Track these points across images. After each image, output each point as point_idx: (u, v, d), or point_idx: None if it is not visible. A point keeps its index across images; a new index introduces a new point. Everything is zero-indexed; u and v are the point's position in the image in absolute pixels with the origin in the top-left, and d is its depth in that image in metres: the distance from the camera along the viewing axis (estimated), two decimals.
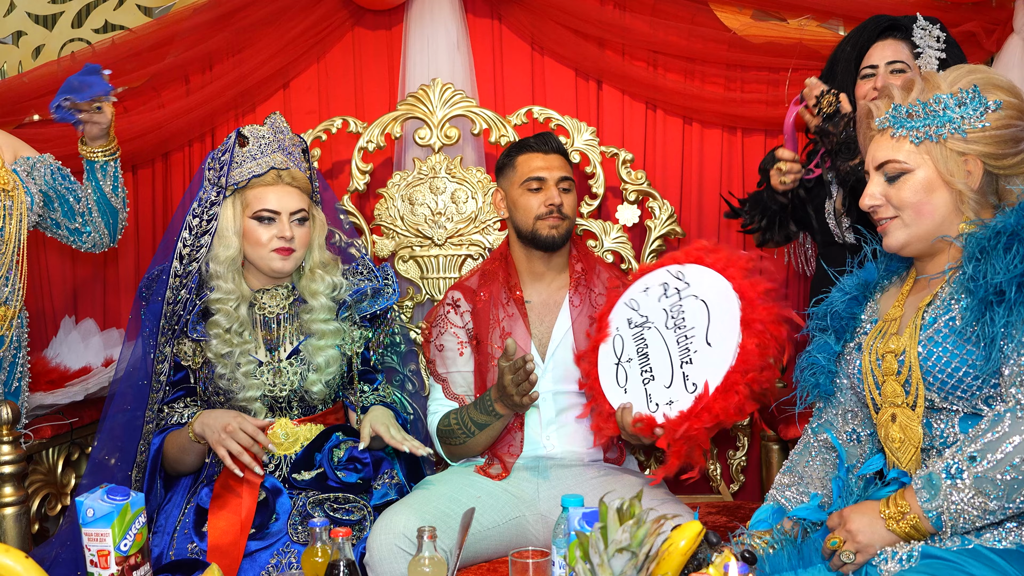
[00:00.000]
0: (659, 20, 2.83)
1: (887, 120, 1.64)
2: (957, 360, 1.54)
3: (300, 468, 2.13)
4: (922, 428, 1.60)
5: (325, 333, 2.18)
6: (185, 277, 2.15)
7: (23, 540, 2.22)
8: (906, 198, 1.61)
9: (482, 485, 2.18)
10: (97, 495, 1.72)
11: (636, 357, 1.98)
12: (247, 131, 2.17)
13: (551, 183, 2.32)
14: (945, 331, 1.57)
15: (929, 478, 1.51)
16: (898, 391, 1.63)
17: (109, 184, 2.36)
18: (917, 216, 1.61)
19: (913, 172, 1.61)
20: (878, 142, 1.66)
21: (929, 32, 2.24)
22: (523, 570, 1.59)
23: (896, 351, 1.63)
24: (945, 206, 1.61)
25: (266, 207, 2.14)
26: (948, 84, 1.60)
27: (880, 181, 1.64)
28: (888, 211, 1.64)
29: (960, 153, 1.58)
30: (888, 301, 1.74)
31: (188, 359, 2.20)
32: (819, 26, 2.78)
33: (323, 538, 1.70)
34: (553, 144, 2.38)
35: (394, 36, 2.95)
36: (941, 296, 1.61)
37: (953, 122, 1.57)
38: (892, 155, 1.62)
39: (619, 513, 1.36)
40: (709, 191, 2.90)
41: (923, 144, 1.59)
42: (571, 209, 2.34)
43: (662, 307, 1.95)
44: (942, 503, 1.48)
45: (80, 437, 2.56)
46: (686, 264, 2.00)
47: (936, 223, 1.61)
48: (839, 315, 1.77)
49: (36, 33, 3.01)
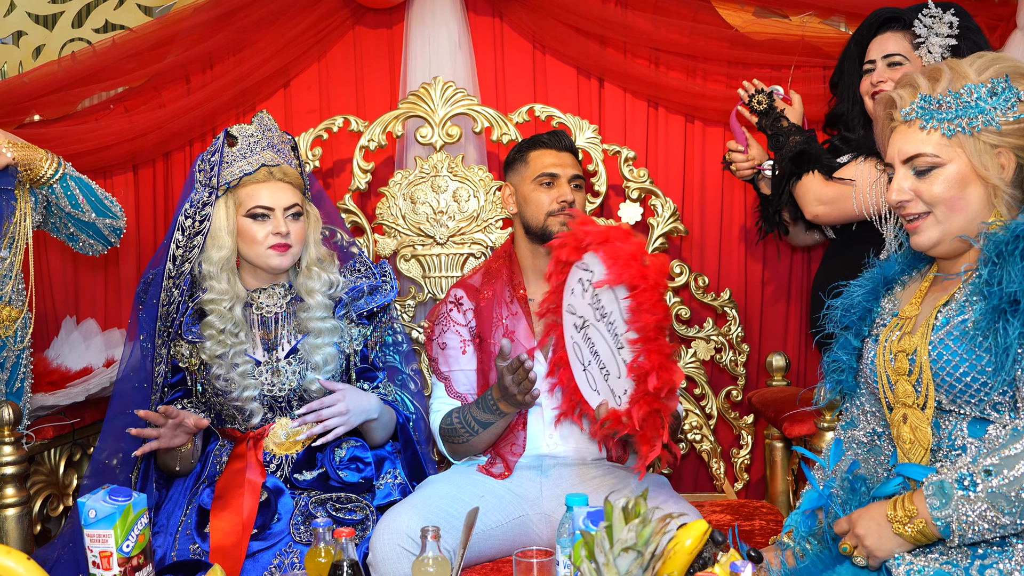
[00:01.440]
0: (661, 17, 2.82)
1: (915, 111, 1.57)
2: (966, 365, 1.51)
3: (302, 468, 2.13)
4: (931, 429, 1.58)
5: (323, 331, 2.17)
6: (178, 278, 2.14)
7: (25, 541, 2.22)
8: (939, 193, 1.55)
9: (485, 484, 2.17)
10: (99, 496, 1.71)
11: (592, 358, 1.97)
12: (235, 130, 2.17)
13: (563, 180, 2.31)
14: (956, 333, 1.53)
15: (940, 486, 1.47)
16: (909, 391, 1.60)
17: (66, 202, 2.29)
18: (950, 212, 1.55)
19: (945, 166, 1.54)
20: (905, 134, 1.58)
21: (939, 19, 2.15)
22: (527, 570, 1.58)
23: (908, 351, 1.59)
24: (978, 201, 1.55)
25: (260, 204, 2.14)
26: (976, 72, 1.53)
27: (908, 175, 1.58)
28: (918, 206, 1.58)
29: (993, 146, 1.52)
30: (907, 297, 1.70)
31: (185, 360, 2.19)
32: (821, 22, 2.78)
33: (326, 538, 1.69)
34: (566, 142, 2.38)
35: (395, 34, 2.94)
36: (957, 297, 1.57)
37: (986, 113, 1.51)
38: (923, 148, 1.55)
39: (624, 512, 1.35)
40: (711, 188, 2.90)
41: (956, 136, 1.53)
42: (581, 207, 2.34)
43: (587, 303, 1.94)
44: (952, 513, 1.45)
45: (82, 438, 2.56)
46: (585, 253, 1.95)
47: (968, 219, 1.55)
48: (854, 310, 1.73)
49: (36, 33, 3.01)
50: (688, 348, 2.76)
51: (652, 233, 2.76)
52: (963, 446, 1.54)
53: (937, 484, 1.48)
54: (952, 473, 1.47)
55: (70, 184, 2.28)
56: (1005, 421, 1.51)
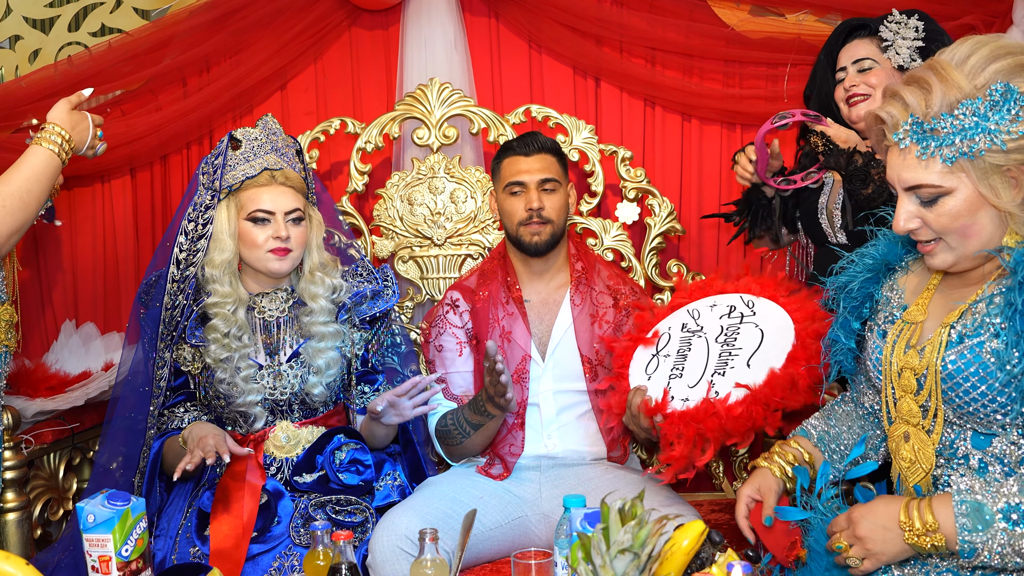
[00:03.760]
0: (657, 17, 2.82)
1: (907, 138, 1.43)
2: (985, 386, 1.43)
3: (301, 471, 2.13)
4: (935, 453, 1.52)
5: (325, 335, 2.18)
6: (183, 282, 2.14)
7: (25, 545, 2.22)
8: (947, 224, 1.44)
9: (484, 485, 2.17)
10: (98, 500, 1.72)
11: (674, 356, 1.96)
12: (239, 134, 2.17)
13: (531, 186, 2.28)
14: (969, 357, 1.45)
15: (980, 510, 1.38)
16: (915, 411, 1.53)
17: None
18: (963, 239, 1.44)
19: (951, 194, 1.42)
20: (901, 163, 1.45)
21: (905, 24, 2.20)
22: (526, 571, 1.58)
23: (917, 370, 1.51)
24: (992, 223, 1.43)
25: (260, 208, 2.14)
26: (968, 78, 1.39)
27: (913, 202, 1.46)
28: (928, 234, 1.47)
29: (1000, 165, 1.39)
30: (911, 286, 1.63)
31: (188, 364, 2.20)
32: (817, 21, 2.77)
33: (324, 541, 1.70)
34: (537, 144, 2.32)
35: (391, 36, 2.94)
36: (974, 314, 1.47)
37: (988, 132, 1.37)
38: (924, 179, 1.42)
39: (621, 514, 1.35)
40: (709, 188, 2.90)
41: (957, 162, 1.40)
42: (556, 211, 2.29)
43: (720, 323, 1.94)
44: (987, 540, 1.37)
45: (81, 441, 2.56)
46: (761, 297, 1.96)
47: (984, 241, 1.44)
48: (853, 293, 1.67)
49: (32, 37, 3.00)
50: None
51: (649, 233, 2.76)
52: (966, 455, 1.49)
53: (975, 506, 1.39)
54: (994, 499, 1.39)
55: None
56: (1013, 437, 1.46)
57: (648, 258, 2.76)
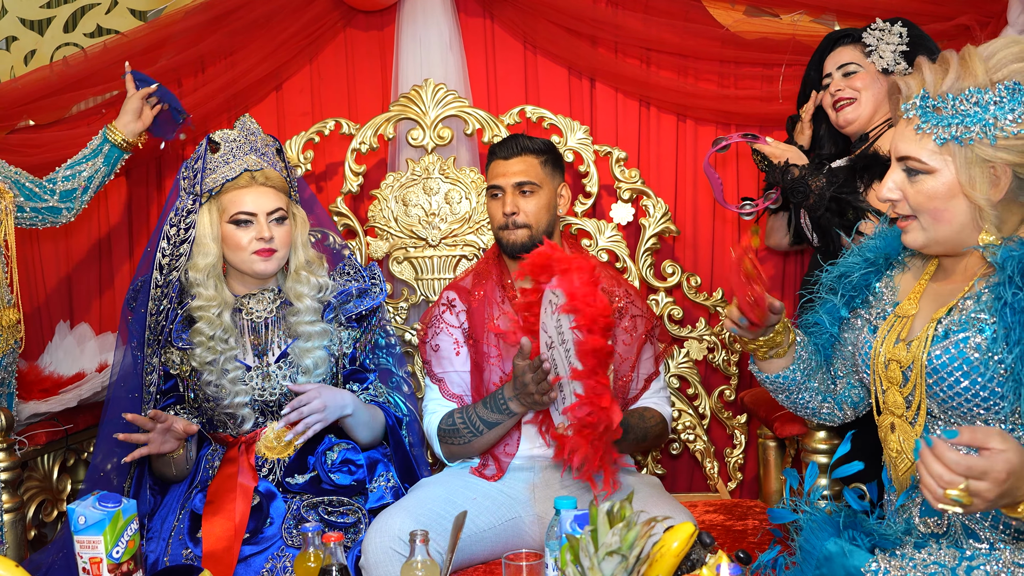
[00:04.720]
0: (652, 17, 2.82)
1: (913, 108, 1.47)
2: (968, 381, 1.45)
3: (293, 471, 2.13)
4: None
5: (312, 335, 2.17)
6: (166, 287, 2.14)
7: (19, 547, 2.22)
8: (921, 202, 1.48)
9: (478, 486, 2.17)
10: (89, 502, 1.71)
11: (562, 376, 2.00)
12: (218, 136, 2.17)
13: (508, 191, 2.28)
14: (954, 352, 1.47)
15: None
16: (900, 403, 1.56)
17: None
18: (935, 222, 1.49)
19: (933, 175, 1.46)
20: (902, 131, 1.50)
21: (888, 31, 2.26)
22: (516, 572, 1.58)
23: (903, 363, 1.54)
24: (964, 214, 1.47)
25: (242, 210, 2.13)
26: (986, 69, 1.41)
27: (900, 172, 1.51)
28: (905, 209, 1.52)
29: (985, 160, 1.42)
30: (906, 284, 1.65)
31: (176, 367, 2.20)
32: (812, 21, 2.78)
33: (315, 543, 1.70)
34: (517, 147, 2.30)
35: (386, 37, 2.94)
36: (961, 310, 1.50)
37: (984, 123, 1.40)
38: (914, 151, 1.47)
39: (609, 516, 1.35)
40: (703, 188, 2.90)
41: (946, 145, 1.44)
42: (533, 214, 2.26)
43: (553, 324, 1.96)
44: None
45: (75, 443, 2.57)
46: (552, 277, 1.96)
47: (955, 230, 1.48)
48: (852, 282, 1.68)
49: (28, 38, 3.01)
50: (681, 348, 2.76)
51: (644, 233, 2.76)
52: None
53: None
54: None
55: None
56: None
57: (643, 259, 2.76)
